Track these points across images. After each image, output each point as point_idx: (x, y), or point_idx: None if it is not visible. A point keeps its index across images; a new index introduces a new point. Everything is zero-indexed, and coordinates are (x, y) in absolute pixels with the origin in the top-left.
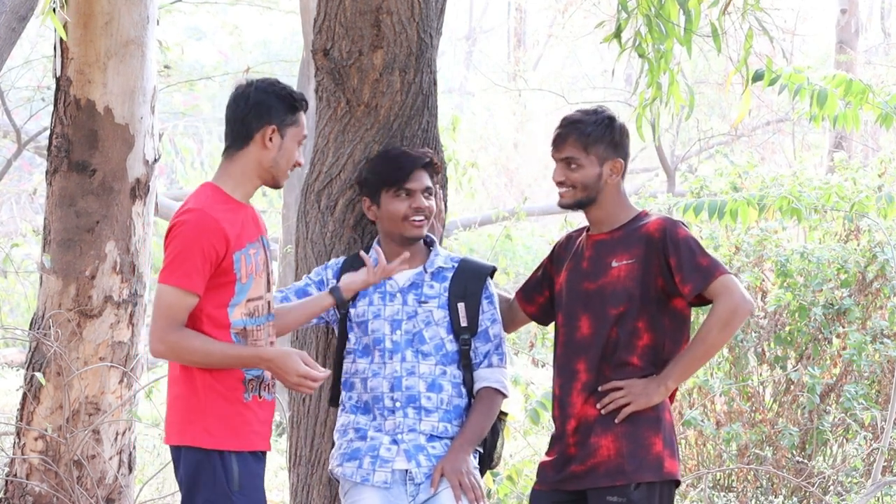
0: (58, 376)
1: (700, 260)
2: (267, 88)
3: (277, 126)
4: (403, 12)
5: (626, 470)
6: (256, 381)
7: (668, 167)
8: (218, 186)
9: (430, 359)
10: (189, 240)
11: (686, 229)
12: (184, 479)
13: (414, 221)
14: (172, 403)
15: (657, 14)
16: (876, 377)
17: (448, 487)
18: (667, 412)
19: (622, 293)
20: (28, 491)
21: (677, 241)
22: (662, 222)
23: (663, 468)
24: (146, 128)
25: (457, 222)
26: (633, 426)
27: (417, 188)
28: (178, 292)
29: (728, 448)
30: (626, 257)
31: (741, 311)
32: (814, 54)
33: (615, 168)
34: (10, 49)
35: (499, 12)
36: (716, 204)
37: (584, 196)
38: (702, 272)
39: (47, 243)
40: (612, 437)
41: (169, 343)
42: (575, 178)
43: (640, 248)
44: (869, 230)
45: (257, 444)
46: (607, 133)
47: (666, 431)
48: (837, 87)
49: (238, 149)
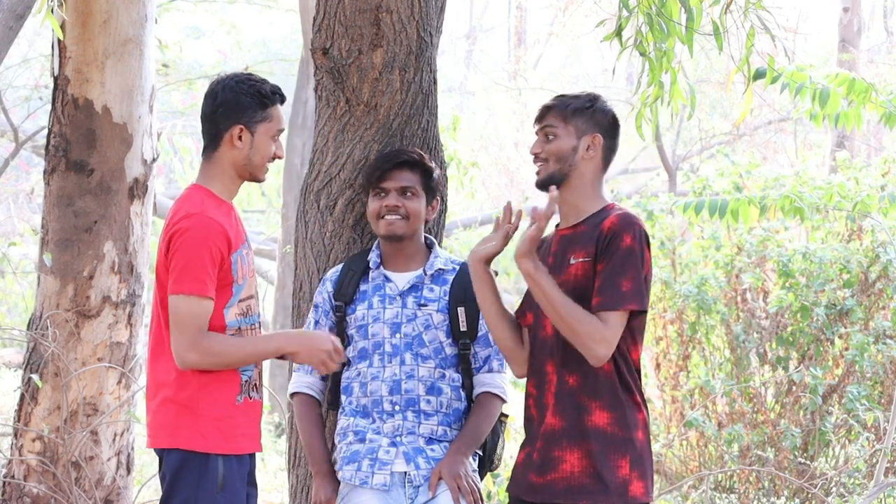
0: (56, 377)
1: (622, 281)
2: (235, 87)
3: (245, 125)
4: (403, 11)
5: (591, 491)
6: (248, 383)
7: (669, 167)
8: (206, 188)
9: (429, 362)
10: (196, 245)
11: (634, 237)
12: (166, 477)
13: (386, 219)
14: (162, 407)
15: (658, 12)
16: (878, 378)
17: (447, 490)
18: (638, 431)
19: (577, 292)
20: (26, 492)
21: (617, 248)
22: (616, 222)
23: (628, 492)
24: (144, 127)
25: (457, 222)
26: (600, 445)
27: (391, 187)
28: (196, 300)
29: (730, 449)
30: (582, 254)
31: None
32: (816, 53)
33: (593, 143)
34: (8, 48)
35: (499, 11)
36: (716, 203)
37: (556, 169)
38: (615, 295)
39: (45, 243)
40: (579, 455)
41: (202, 351)
42: (550, 148)
43: (594, 246)
44: (872, 230)
45: (245, 447)
46: (589, 107)
47: (635, 452)
48: (840, 86)
49: (213, 150)
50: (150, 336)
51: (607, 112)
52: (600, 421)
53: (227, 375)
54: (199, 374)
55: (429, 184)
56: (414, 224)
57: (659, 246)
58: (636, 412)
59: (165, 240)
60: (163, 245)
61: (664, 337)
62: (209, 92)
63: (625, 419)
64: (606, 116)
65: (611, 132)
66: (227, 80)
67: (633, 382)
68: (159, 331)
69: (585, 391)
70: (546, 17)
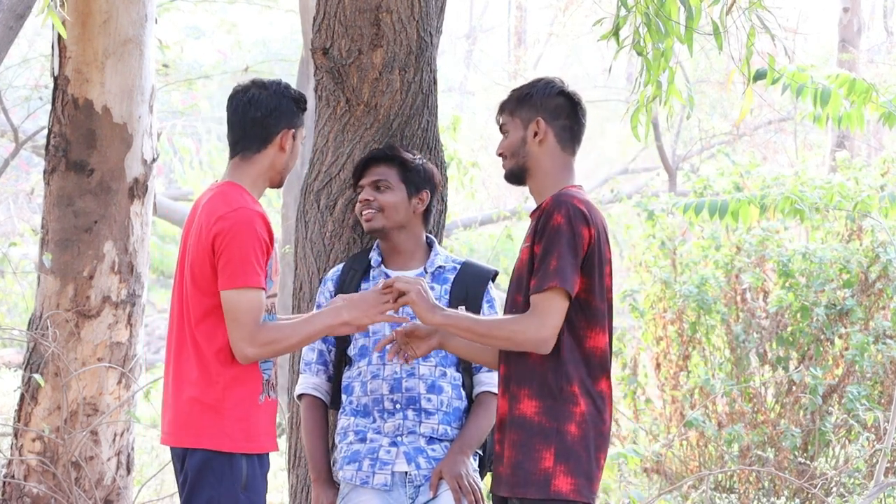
0: (56, 377)
1: (551, 260)
2: (283, 92)
3: (295, 130)
4: (403, 11)
5: (512, 483)
6: (268, 382)
7: (669, 167)
8: (241, 186)
9: (429, 360)
10: (247, 238)
11: (566, 216)
12: (189, 476)
13: (364, 215)
14: (187, 406)
15: (656, 12)
16: (878, 378)
17: (448, 490)
18: (572, 424)
19: (522, 280)
20: (26, 492)
21: (547, 226)
22: (550, 202)
23: (550, 486)
24: (144, 127)
25: (457, 222)
26: (525, 435)
27: (365, 183)
28: (254, 292)
29: (730, 449)
30: (528, 240)
31: (520, 342)
32: (816, 53)
33: (538, 129)
34: (8, 48)
35: (499, 11)
36: (716, 204)
37: (514, 164)
38: (543, 275)
39: (45, 243)
40: (508, 445)
41: (260, 342)
42: (504, 144)
43: (533, 230)
44: (872, 230)
45: (267, 446)
46: (528, 94)
47: (564, 445)
48: (841, 87)
49: (256, 151)
50: (172, 333)
51: (550, 93)
52: (528, 410)
53: (251, 375)
54: (223, 373)
55: (408, 176)
56: (392, 217)
57: (659, 246)
58: (570, 404)
59: (208, 237)
60: (201, 242)
61: (664, 337)
62: (253, 97)
63: (553, 410)
64: (550, 98)
65: (557, 112)
66: (271, 85)
67: (574, 372)
68: (181, 327)
69: (515, 380)
70: (546, 17)
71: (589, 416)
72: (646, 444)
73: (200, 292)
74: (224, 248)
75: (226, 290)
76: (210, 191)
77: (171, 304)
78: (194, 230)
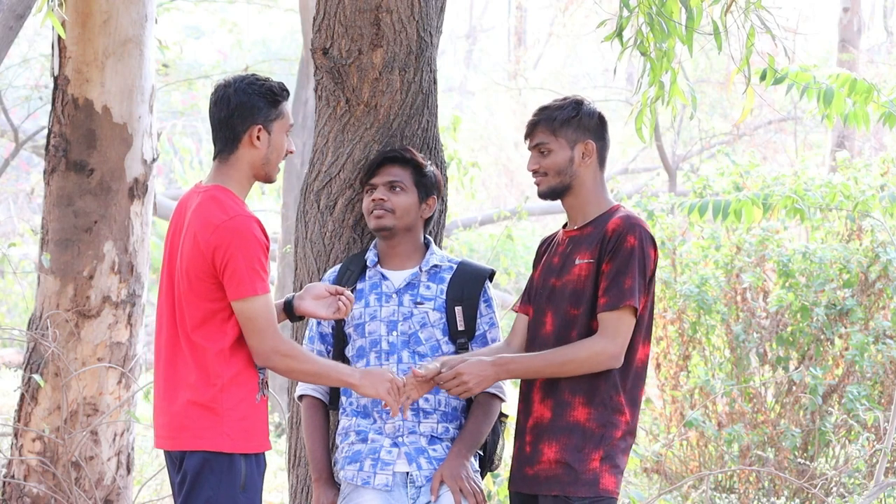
0: (56, 377)
1: (625, 280)
2: (246, 88)
3: (263, 124)
4: (403, 11)
5: (563, 481)
6: (263, 381)
7: (669, 167)
8: (228, 189)
9: (426, 360)
10: (250, 246)
11: (638, 238)
12: (188, 477)
13: (374, 213)
14: (184, 409)
15: (658, 12)
16: (878, 378)
17: (449, 491)
18: (616, 430)
19: (581, 293)
20: (26, 492)
21: (621, 248)
22: (620, 223)
23: (599, 484)
24: (144, 127)
25: (457, 222)
26: (577, 439)
27: (379, 182)
28: (267, 298)
29: (730, 449)
30: (587, 255)
31: (601, 361)
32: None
33: (587, 150)
34: (8, 48)
35: (499, 11)
36: (720, 204)
37: (557, 182)
38: (618, 294)
39: (45, 243)
40: (557, 447)
41: (284, 351)
42: (547, 163)
43: (598, 248)
44: (872, 230)
45: (264, 445)
46: (574, 116)
47: (608, 447)
48: (843, 87)
49: (230, 152)
50: (162, 337)
51: (593, 114)
52: (581, 416)
53: (248, 374)
54: (223, 374)
55: (421, 180)
56: (403, 218)
57: (659, 246)
58: (617, 413)
59: (207, 247)
60: (198, 250)
61: (664, 337)
62: (220, 97)
63: (603, 417)
64: (593, 119)
65: (600, 133)
66: (236, 82)
67: (623, 383)
68: (173, 332)
69: (569, 388)
70: (546, 17)
71: (630, 423)
72: (646, 444)
73: (198, 298)
74: (229, 259)
75: (242, 300)
76: (196, 194)
77: (158, 307)
78: (187, 236)
